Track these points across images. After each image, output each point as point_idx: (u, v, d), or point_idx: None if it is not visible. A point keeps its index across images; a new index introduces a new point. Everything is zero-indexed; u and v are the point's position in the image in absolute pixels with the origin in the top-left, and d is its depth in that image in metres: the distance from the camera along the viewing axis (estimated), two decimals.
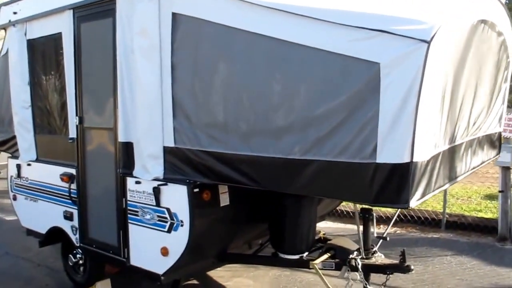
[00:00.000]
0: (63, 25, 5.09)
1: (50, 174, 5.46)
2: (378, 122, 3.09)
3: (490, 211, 8.38)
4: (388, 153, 3.09)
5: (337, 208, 7.83)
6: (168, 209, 4.19)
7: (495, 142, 5.21)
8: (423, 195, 3.29)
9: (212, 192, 4.23)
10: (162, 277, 4.32)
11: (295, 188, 3.59)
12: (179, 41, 4.05)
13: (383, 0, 3.49)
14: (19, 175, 6.00)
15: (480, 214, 8.18)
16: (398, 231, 7.67)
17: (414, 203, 3.16)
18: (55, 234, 5.58)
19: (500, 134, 5.39)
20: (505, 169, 6.85)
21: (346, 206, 8.34)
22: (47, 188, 5.58)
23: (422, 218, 7.88)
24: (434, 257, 6.47)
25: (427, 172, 3.30)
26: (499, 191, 6.99)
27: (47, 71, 5.52)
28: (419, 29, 2.98)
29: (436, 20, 3.03)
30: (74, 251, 5.48)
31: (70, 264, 5.59)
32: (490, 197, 9.34)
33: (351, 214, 8.23)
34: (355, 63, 3.17)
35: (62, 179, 5.26)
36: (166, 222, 4.21)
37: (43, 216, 5.70)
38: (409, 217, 7.93)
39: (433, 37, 2.94)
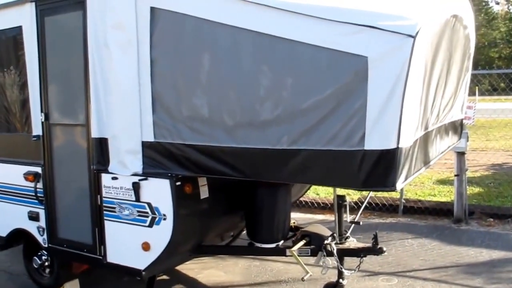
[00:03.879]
0: (24, 18, 4.87)
1: (11, 174, 5.23)
2: (366, 112, 3.22)
3: (444, 195, 8.73)
4: (376, 140, 3.23)
5: (301, 199, 7.93)
6: (149, 204, 4.14)
7: (457, 128, 5.49)
8: (406, 178, 3.46)
9: (192, 185, 4.22)
10: (144, 272, 4.27)
11: (283, 177, 3.65)
12: (158, 35, 3.98)
13: None
14: None
15: (435, 198, 8.51)
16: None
17: (400, 185, 3.32)
18: (17, 237, 5.36)
19: (462, 120, 5.68)
20: (460, 154, 7.15)
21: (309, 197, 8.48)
22: (7, 189, 5.33)
23: (380, 205, 8.08)
24: (395, 240, 6.69)
25: (409, 156, 3.46)
26: (455, 175, 7.28)
27: (5, 67, 5.26)
28: (405, 24, 3.11)
29: (419, 16, 3.19)
30: (39, 253, 5.29)
31: (35, 266, 5.38)
32: (442, 181, 9.71)
33: (315, 204, 8.39)
34: (343, 56, 3.27)
35: (26, 179, 5.05)
36: (147, 216, 4.16)
37: (3, 218, 5.43)
38: (367, 204, 8.12)
39: (418, 32, 3.08)
